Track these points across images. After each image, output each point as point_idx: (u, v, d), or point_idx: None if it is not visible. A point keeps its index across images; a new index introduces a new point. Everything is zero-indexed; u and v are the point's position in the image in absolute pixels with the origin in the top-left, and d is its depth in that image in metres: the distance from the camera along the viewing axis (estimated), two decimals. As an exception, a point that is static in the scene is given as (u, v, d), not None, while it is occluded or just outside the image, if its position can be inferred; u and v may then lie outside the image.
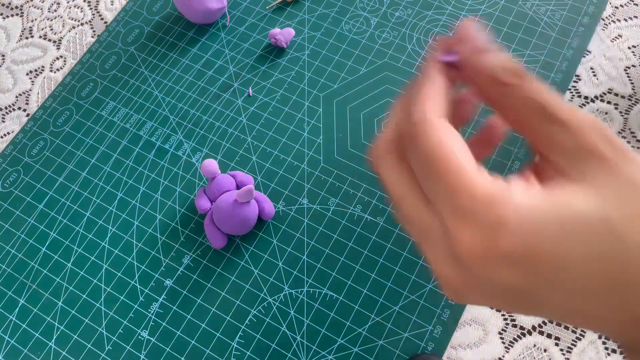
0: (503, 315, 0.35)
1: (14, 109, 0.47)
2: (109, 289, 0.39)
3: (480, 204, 0.19)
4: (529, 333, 0.37)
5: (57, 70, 0.49)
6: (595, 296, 0.19)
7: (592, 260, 0.19)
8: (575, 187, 0.20)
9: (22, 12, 0.52)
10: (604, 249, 0.19)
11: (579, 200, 0.19)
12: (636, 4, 0.46)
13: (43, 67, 0.49)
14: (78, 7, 0.52)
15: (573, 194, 0.19)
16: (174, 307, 0.38)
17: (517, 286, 0.20)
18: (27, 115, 0.47)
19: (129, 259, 0.40)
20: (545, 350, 0.37)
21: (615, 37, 0.45)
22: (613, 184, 0.19)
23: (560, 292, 0.19)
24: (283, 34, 0.46)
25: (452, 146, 0.20)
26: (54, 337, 0.38)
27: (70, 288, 0.39)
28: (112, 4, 0.51)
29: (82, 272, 0.40)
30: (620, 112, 0.41)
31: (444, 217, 0.20)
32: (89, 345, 0.37)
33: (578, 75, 0.43)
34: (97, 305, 0.39)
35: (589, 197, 0.19)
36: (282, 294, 0.37)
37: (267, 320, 0.37)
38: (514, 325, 0.37)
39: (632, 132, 0.40)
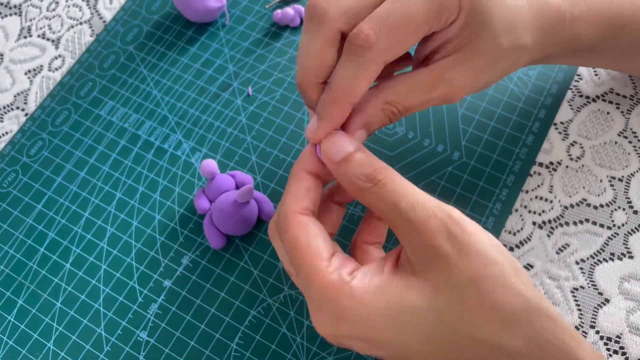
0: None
1: (12, 109, 0.47)
2: (107, 290, 0.39)
3: (326, 296, 0.23)
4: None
5: (56, 69, 0.49)
6: None
7: (424, 343, 0.23)
8: (414, 280, 0.23)
9: (21, 11, 0.52)
10: (431, 333, 0.23)
11: (413, 292, 0.23)
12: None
13: (41, 66, 0.49)
14: (77, 6, 0.51)
15: (410, 287, 0.23)
16: (173, 308, 0.38)
17: (369, 351, 0.25)
18: (26, 114, 0.47)
19: (128, 260, 0.40)
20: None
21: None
22: (447, 279, 0.22)
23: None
24: (297, 10, 0.46)
25: (306, 241, 0.25)
26: (53, 338, 0.38)
27: (69, 289, 0.39)
28: (110, 3, 0.51)
29: (80, 273, 0.40)
30: (622, 112, 0.40)
31: (306, 297, 0.26)
32: (88, 347, 0.37)
33: (579, 74, 0.42)
34: (96, 306, 0.38)
35: (425, 289, 0.23)
36: (282, 295, 0.37)
37: (267, 321, 0.37)
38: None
39: (633, 132, 0.40)
